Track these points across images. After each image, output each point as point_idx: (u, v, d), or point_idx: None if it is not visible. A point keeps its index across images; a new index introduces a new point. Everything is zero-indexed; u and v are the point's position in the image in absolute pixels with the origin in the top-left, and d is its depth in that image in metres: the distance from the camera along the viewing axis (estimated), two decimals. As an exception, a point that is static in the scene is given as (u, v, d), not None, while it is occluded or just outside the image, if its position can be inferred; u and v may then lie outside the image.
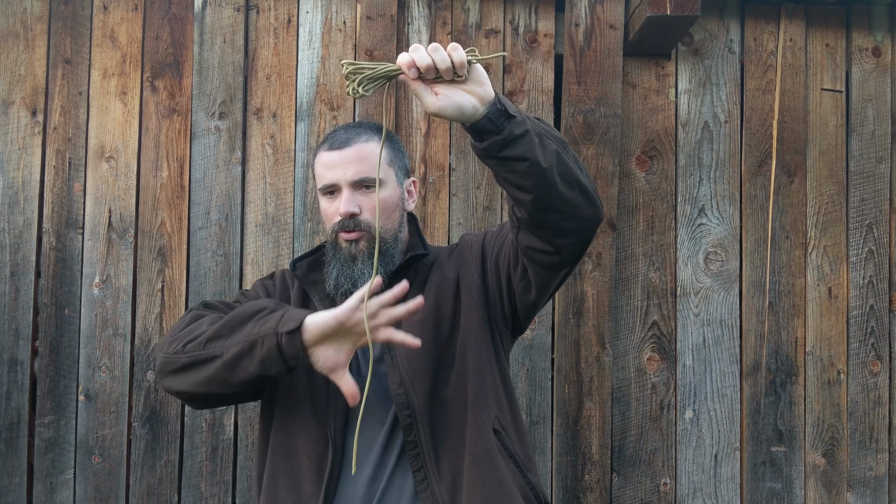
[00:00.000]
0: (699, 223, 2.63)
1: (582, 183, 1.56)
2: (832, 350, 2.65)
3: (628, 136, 2.61)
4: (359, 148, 1.73)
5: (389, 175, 1.77)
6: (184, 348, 1.62)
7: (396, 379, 1.68)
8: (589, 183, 1.59)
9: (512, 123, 1.48)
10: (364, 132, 1.77)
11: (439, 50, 1.44)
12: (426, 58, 1.44)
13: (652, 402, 2.57)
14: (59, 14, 2.51)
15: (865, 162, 2.71)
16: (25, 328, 2.44)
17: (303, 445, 1.68)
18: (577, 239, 1.62)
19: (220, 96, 2.52)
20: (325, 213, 1.77)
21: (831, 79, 2.71)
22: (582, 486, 2.50)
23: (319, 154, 1.78)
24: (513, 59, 2.59)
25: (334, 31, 2.56)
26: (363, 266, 1.71)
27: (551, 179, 1.52)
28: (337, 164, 1.73)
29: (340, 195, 1.73)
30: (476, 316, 1.74)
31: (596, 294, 2.52)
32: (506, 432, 1.71)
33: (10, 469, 2.41)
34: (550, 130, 1.55)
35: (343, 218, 1.71)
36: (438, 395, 1.69)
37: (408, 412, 1.66)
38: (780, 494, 2.60)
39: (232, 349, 1.56)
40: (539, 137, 1.50)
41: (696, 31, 2.65)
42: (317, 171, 1.79)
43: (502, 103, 1.49)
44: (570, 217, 1.57)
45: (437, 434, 1.67)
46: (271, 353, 1.53)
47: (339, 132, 1.79)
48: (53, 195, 2.47)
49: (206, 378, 1.60)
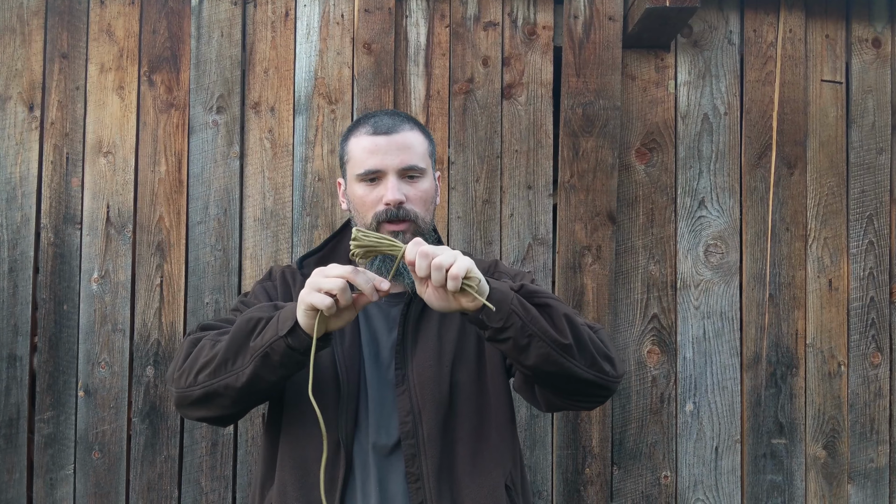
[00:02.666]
0: (699, 215, 2.62)
1: (577, 376, 1.53)
2: (833, 342, 2.64)
3: (628, 129, 2.61)
4: (406, 136, 1.69)
5: (429, 166, 1.74)
6: (195, 380, 1.58)
7: (406, 405, 1.65)
8: (588, 368, 1.54)
9: (496, 331, 1.47)
10: (406, 120, 1.73)
11: (441, 269, 1.40)
12: (424, 269, 1.41)
13: (652, 395, 2.57)
14: (55, 8, 2.50)
15: (866, 153, 2.70)
16: (24, 324, 2.43)
17: (313, 453, 1.65)
18: (590, 405, 1.62)
19: (217, 90, 2.51)
20: (364, 200, 1.70)
21: (831, 70, 2.70)
22: (583, 480, 2.50)
23: (359, 138, 1.71)
24: (511, 52, 2.58)
25: (332, 25, 2.55)
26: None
27: (542, 371, 1.52)
28: (383, 149, 1.67)
29: (383, 182, 1.68)
30: (498, 357, 1.72)
31: (596, 287, 2.52)
32: (515, 489, 1.70)
33: (10, 465, 2.41)
34: (545, 330, 1.49)
35: (389, 206, 1.66)
36: (452, 431, 1.66)
37: (413, 441, 1.64)
38: (781, 487, 2.59)
39: (247, 369, 1.53)
40: (529, 339, 1.48)
41: (696, 23, 2.64)
42: (354, 156, 1.71)
43: (489, 317, 1.46)
44: (575, 393, 1.57)
45: (444, 472, 1.64)
46: (286, 356, 1.51)
47: (379, 117, 1.72)
48: (51, 190, 2.47)
49: (230, 402, 1.58)
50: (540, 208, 2.55)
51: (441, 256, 1.41)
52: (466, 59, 2.56)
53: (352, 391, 1.67)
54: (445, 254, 1.42)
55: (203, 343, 1.62)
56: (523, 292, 1.52)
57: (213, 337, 1.62)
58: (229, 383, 1.54)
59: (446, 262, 1.40)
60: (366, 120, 1.73)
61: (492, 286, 1.47)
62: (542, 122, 2.57)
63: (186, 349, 1.63)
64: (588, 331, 1.55)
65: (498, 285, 1.48)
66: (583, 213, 2.53)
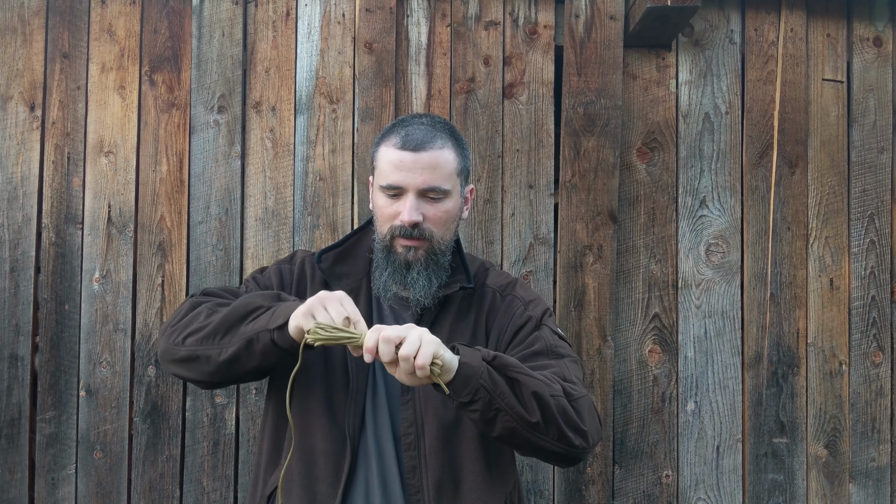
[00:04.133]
0: (700, 215, 2.62)
1: (544, 448, 1.55)
2: (834, 341, 2.64)
3: (629, 128, 2.60)
4: (434, 155, 1.66)
5: (456, 186, 1.71)
6: (183, 341, 1.62)
7: (410, 416, 1.66)
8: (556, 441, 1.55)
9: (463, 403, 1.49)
10: (440, 135, 1.68)
11: (408, 360, 1.41)
12: (387, 354, 1.43)
13: (654, 395, 2.57)
14: (56, 8, 2.49)
15: (867, 152, 2.70)
16: (26, 324, 2.43)
17: (321, 445, 1.66)
18: (566, 464, 1.64)
19: (218, 90, 2.51)
20: (384, 211, 1.69)
21: (832, 69, 2.70)
22: (584, 479, 2.50)
23: (388, 149, 1.69)
24: (513, 51, 2.58)
25: (333, 24, 2.54)
26: (418, 275, 1.68)
27: (509, 441, 1.55)
28: (409, 166, 1.65)
29: (403, 198, 1.66)
30: None
31: (597, 286, 2.52)
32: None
33: (12, 465, 2.41)
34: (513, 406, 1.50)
35: (405, 226, 1.66)
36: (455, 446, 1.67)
37: (414, 453, 1.65)
38: (782, 486, 2.59)
39: (230, 348, 1.57)
40: (496, 413, 1.49)
41: (697, 22, 2.64)
42: (380, 166, 1.70)
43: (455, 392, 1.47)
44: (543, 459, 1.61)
45: (445, 487, 1.64)
46: (268, 348, 1.55)
47: (413, 128, 1.68)
48: (52, 190, 2.46)
49: (209, 371, 1.62)
50: (541, 207, 2.55)
51: (406, 346, 1.42)
52: (467, 59, 2.56)
53: (360, 388, 1.67)
54: (409, 341, 1.42)
55: (201, 309, 1.65)
56: (496, 364, 1.51)
57: (212, 306, 1.66)
58: (212, 355, 1.59)
59: (411, 352, 1.41)
60: (400, 128, 1.70)
61: (461, 361, 1.47)
62: (544, 121, 2.57)
63: (185, 310, 1.68)
64: (561, 404, 1.54)
65: (469, 358, 1.48)
66: (584, 213, 2.53)
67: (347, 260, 1.79)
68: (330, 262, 1.78)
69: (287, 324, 1.51)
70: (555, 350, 1.69)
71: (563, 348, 1.72)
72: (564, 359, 1.69)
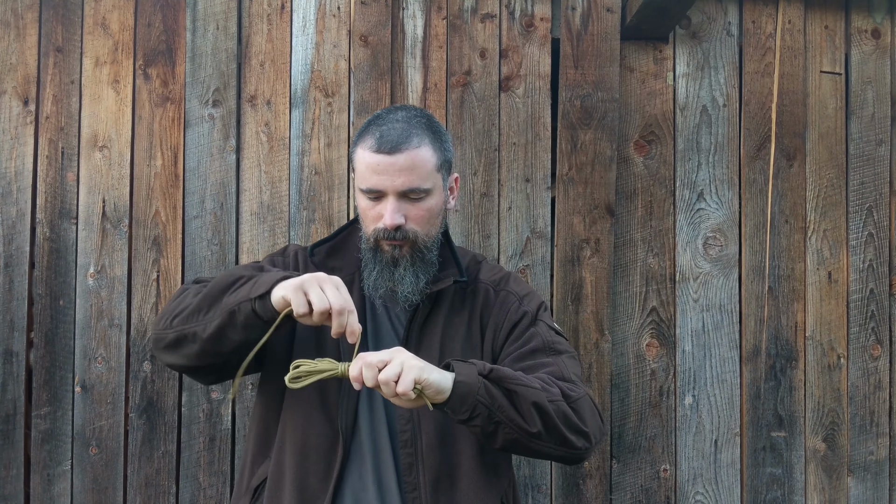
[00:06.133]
0: (698, 208, 2.61)
1: (546, 454, 1.57)
2: (832, 334, 2.64)
3: (626, 121, 2.59)
4: (411, 155, 1.64)
5: (437, 182, 1.69)
6: (171, 323, 1.60)
7: (407, 413, 1.65)
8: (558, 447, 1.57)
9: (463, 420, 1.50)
10: (416, 133, 1.65)
11: (389, 385, 1.42)
12: (372, 379, 1.43)
13: (651, 389, 2.56)
14: (49, 2, 2.48)
15: (865, 145, 2.69)
16: (20, 319, 2.42)
17: (314, 440, 1.65)
18: (570, 464, 1.67)
19: (213, 84, 2.50)
20: (365, 213, 1.69)
21: (830, 61, 2.69)
22: (581, 473, 2.49)
23: (364, 152, 1.67)
24: (509, 44, 2.57)
25: (328, 17, 2.53)
26: (405, 271, 1.67)
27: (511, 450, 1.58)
28: (385, 170, 1.63)
29: (384, 201, 1.66)
30: None
31: (594, 280, 2.51)
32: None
33: (7, 461, 2.40)
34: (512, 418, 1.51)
35: (387, 229, 1.66)
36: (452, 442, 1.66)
37: (411, 450, 1.64)
38: (781, 479, 2.59)
39: (214, 321, 1.54)
40: (497, 426, 1.50)
41: (694, 14, 2.62)
42: (358, 169, 1.69)
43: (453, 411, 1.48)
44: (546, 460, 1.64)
45: (441, 484, 1.64)
46: (249, 319, 1.52)
47: (387, 128, 1.66)
48: (46, 185, 2.45)
49: (196, 352, 1.59)
50: (538, 201, 2.54)
51: (386, 371, 1.41)
52: (464, 52, 2.54)
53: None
54: (391, 365, 1.42)
55: (189, 290, 1.65)
56: (493, 377, 1.50)
57: (199, 287, 1.64)
58: (197, 332, 1.56)
59: (391, 377, 1.41)
60: (375, 128, 1.68)
61: (457, 379, 1.46)
62: (540, 114, 2.56)
63: (174, 297, 1.67)
64: (561, 408, 1.54)
65: (464, 375, 1.47)
66: (581, 206, 2.52)
67: (340, 254, 1.78)
68: (322, 256, 1.78)
69: (269, 293, 1.50)
70: (552, 347, 1.69)
71: (561, 344, 1.71)
72: (562, 355, 1.68)
